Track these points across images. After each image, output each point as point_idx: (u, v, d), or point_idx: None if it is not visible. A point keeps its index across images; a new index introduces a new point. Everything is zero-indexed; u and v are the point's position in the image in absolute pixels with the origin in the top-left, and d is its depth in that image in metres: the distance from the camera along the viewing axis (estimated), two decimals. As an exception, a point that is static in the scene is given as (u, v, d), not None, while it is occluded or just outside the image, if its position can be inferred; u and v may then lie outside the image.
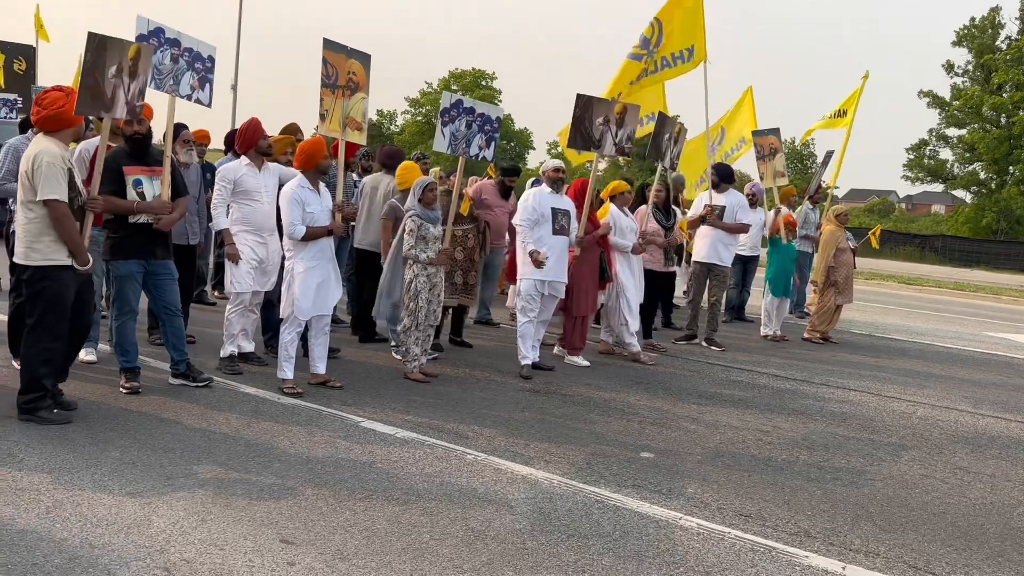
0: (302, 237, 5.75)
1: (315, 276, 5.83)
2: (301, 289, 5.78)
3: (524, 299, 7.16)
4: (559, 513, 4.01)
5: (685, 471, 4.82)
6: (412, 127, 58.74)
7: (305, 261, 5.81)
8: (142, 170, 5.42)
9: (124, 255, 5.42)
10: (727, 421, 6.05)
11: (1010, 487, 5.05)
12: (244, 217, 6.21)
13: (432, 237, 6.43)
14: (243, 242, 6.19)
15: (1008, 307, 18.68)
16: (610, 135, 7.78)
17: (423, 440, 4.98)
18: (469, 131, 6.99)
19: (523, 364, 7.06)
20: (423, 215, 6.39)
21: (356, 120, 6.50)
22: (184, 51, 5.74)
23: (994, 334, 12.91)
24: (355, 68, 6.46)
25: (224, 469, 4.24)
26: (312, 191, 5.89)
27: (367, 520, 3.73)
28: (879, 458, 5.42)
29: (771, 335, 9.96)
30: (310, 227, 5.77)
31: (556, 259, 7.15)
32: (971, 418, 6.83)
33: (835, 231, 10.02)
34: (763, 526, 4.06)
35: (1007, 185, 41.99)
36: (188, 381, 5.68)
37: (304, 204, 5.78)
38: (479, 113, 7.05)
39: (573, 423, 5.67)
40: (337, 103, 6.33)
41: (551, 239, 7.13)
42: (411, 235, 6.35)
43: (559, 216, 7.21)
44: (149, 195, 5.41)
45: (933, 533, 4.17)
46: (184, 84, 5.75)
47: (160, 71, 5.60)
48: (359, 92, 6.51)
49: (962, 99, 43.00)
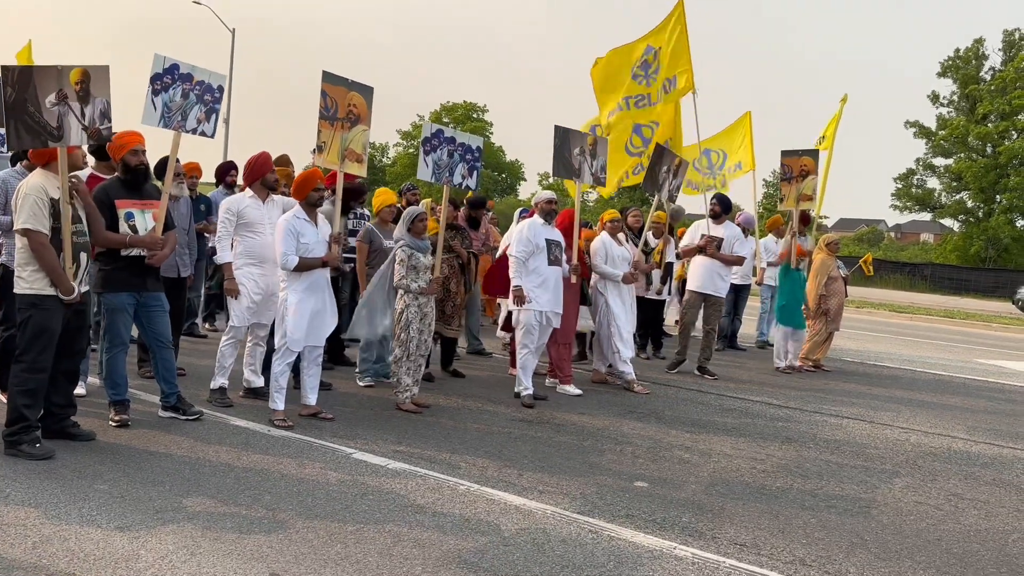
0: (295, 267, 5.74)
1: (308, 307, 5.82)
2: (294, 320, 5.76)
3: (524, 329, 7.18)
4: (553, 544, 3.98)
5: (679, 500, 4.79)
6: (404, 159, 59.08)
7: (298, 292, 5.80)
8: (134, 203, 5.42)
9: (115, 287, 5.40)
10: (720, 449, 6.03)
11: (1004, 513, 5.04)
12: (247, 249, 6.21)
13: (423, 267, 6.43)
14: (246, 275, 6.19)
15: (998, 334, 18.75)
16: (587, 165, 7.96)
17: (415, 471, 4.94)
18: (451, 160, 7.04)
19: (525, 394, 7.05)
20: (413, 244, 6.40)
21: (356, 152, 6.50)
22: (196, 84, 5.74)
23: (985, 361, 12.94)
24: (356, 100, 6.47)
25: (214, 502, 4.19)
26: (308, 222, 5.90)
27: (359, 553, 3.69)
28: (873, 485, 5.41)
29: (784, 367, 9.83)
30: (303, 258, 5.77)
31: (553, 289, 7.23)
32: (964, 444, 6.83)
33: (826, 259, 10.06)
34: (758, 555, 4.03)
35: (995, 214, 42.36)
36: (178, 414, 5.65)
37: (299, 235, 5.79)
38: (459, 143, 7.13)
39: (566, 453, 5.64)
40: (336, 135, 6.33)
41: (547, 270, 7.20)
42: (402, 265, 6.36)
43: (553, 247, 7.28)
44: (141, 228, 5.40)
45: (928, 560, 4.15)
46: (191, 119, 5.75)
47: (170, 108, 5.62)
48: (360, 124, 6.51)
49: (948, 129, 43.52)
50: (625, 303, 8.09)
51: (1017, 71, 41.43)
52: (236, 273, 6.20)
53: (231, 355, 6.27)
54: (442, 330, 7.84)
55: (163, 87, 5.52)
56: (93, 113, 4.98)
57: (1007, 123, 41.47)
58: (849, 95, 11.50)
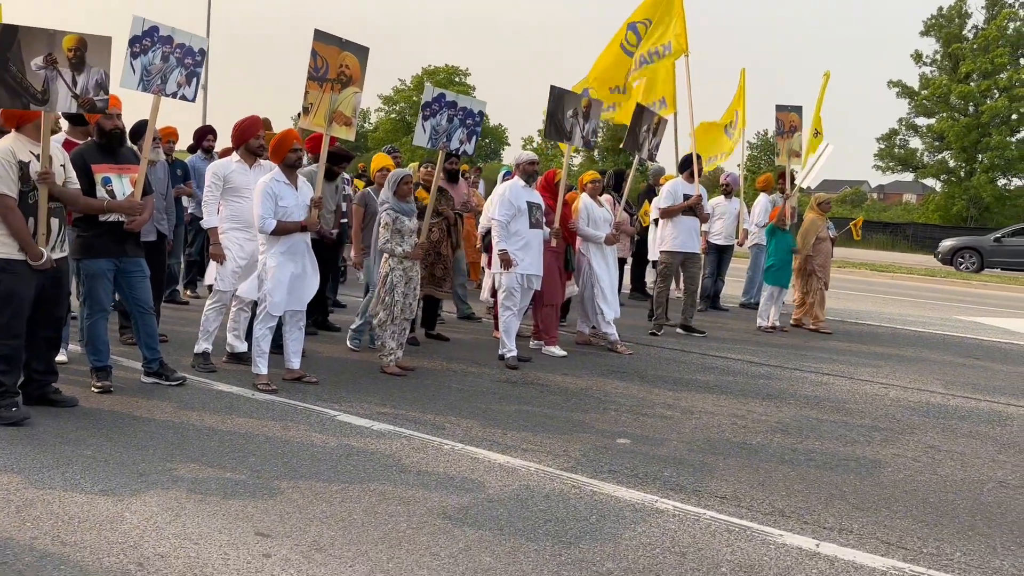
0: (272, 231, 5.70)
1: (287, 270, 5.78)
2: (273, 283, 5.73)
3: (506, 292, 7.18)
4: (536, 499, 4.02)
5: (661, 456, 4.85)
6: (387, 124, 58.51)
7: (277, 255, 5.76)
8: (111, 168, 5.35)
9: (94, 254, 5.35)
10: (702, 407, 6.10)
11: (979, 464, 5.13)
12: (233, 214, 6.17)
13: (408, 230, 6.39)
14: (232, 240, 6.16)
15: (977, 292, 18.95)
16: (579, 128, 7.87)
17: (400, 432, 4.97)
18: (450, 125, 6.91)
19: (508, 356, 7.07)
20: (398, 208, 6.36)
21: (345, 115, 6.31)
22: (176, 47, 5.60)
23: (964, 318, 13.10)
24: (349, 61, 6.27)
25: (198, 465, 4.20)
26: (287, 185, 5.83)
27: (344, 511, 3.72)
28: (852, 439, 5.49)
29: (767, 326, 9.89)
30: (281, 221, 5.72)
31: (535, 252, 7.22)
32: (942, 398, 6.94)
33: (816, 219, 10.07)
34: (738, 507, 4.10)
35: (976, 173, 42.52)
36: (161, 380, 5.63)
37: (277, 197, 5.72)
38: (461, 107, 6.97)
39: (550, 412, 5.69)
40: (324, 97, 6.17)
41: (528, 233, 7.19)
42: (386, 229, 6.32)
43: (534, 210, 7.24)
44: (119, 193, 5.34)
45: (905, 510, 4.23)
46: (171, 82, 5.60)
47: (149, 71, 5.47)
48: (352, 86, 6.32)
49: (930, 88, 43.47)
50: (608, 264, 8.10)
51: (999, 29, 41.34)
52: (221, 238, 6.16)
53: (216, 320, 6.25)
54: (434, 292, 7.85)
55: (142, 50, 5.38)
56: (87, 82, 4.91)
57: (989, 82, 41.46)
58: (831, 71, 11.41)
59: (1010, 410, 6.67)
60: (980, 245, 25.35)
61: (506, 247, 7.12)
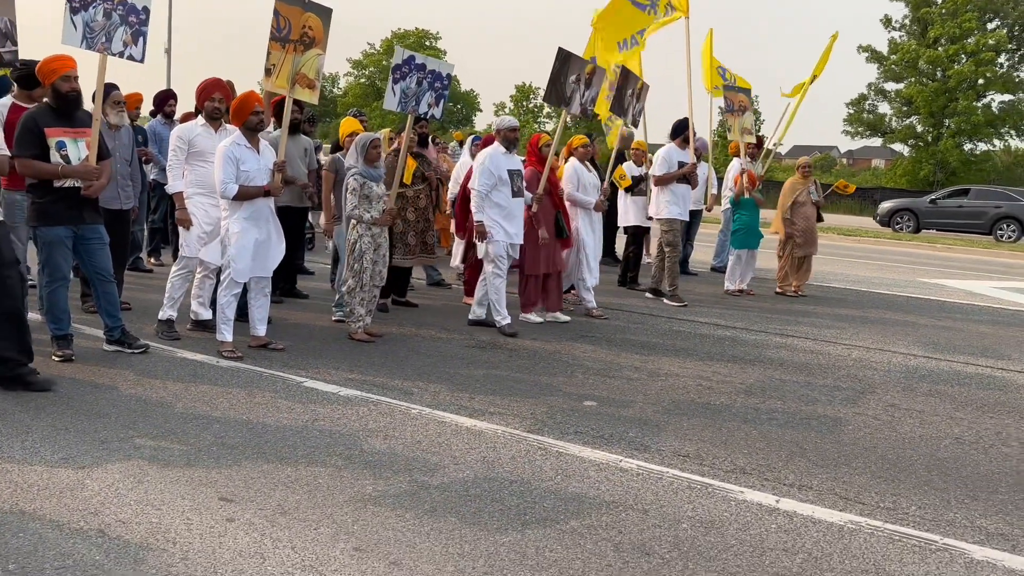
0: (234, 196, 5.61)
1: (251, 236, 5.71)
2: (237, 249, 5.66)
3: (494, 261, 7.06)
4: (502, 461, 4.05)
5: (626, 417, 4.90)
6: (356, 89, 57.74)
7: (240, 221, 5.68)
8: (66, 131, 5.19)
9: (50, 221, 5.22)
10: (668, 369, 6.16)
11: (938, 421, 5.25)
12: (198, 179, 6.06)
13: (376, 196, 6.32)
14: (197, 205, 6.06)
15: (941, 254, 19.25)
16: (579, 94, 7.70)
17: (367, 397, 4.97)
18: (419, 88, 6.78)
19: (503, 323, 7.01)
20: (366, 173, 6.28)
21: (308, 77, 6.18)
22: (118, 4, 5.39)
23: (928, 280, 13.31)
24: (312, 22, 6.12)
25: (161, 432, 4.17)
26: (249, 148, 5.72)
27: (309, 475, 3.72)
28: (814, 399, 5.58)
29: (734, 289, 9.95)
30: (243, 186, 5.63)
31: (518, 221, 7.12)
32: (903, 359, 7.06)
33: (795, 183, 10.09)
34: (700, 465, 4.16)
35: (943, 138, 42.96)
36: (123, 347, 5.56)
37: (239, 162, 5.62)
38: (430, 70, 6.84)
39: (518, 376, 5.71)
40: (287, 58, 6.03)
41: (511, 202, 7.04)
42: (354, 194, 6.25)
43: (515, 177, 7.10)
44: (74, 158, 5.19)
45: (864, 466, 4.32)
46: (116, 40, 5.42)
47: (92, 28, 5.28)
48: (315, 48, 6.18)
49: (899, 53, 43.67)
50: (595, 231, 8.02)
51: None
52: (187, 203, 6.05)
53: (181, 287, 6.17)
54: (427, 260, 7.81)
55: (82, 5, 5.20)
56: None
57: (957, 47, 41.72)
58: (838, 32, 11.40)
59: (968, 369, 6.81)
60: (916, 207, 26.00)
61: (483, 219, 6.99)
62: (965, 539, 3.49)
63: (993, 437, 4.96)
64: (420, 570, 2.94)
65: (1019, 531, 3.60)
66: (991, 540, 3.49)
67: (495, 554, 3.09)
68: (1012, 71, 42.16)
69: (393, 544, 3.12)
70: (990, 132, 42.86)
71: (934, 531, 3.55)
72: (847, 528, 3.52)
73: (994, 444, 4.83)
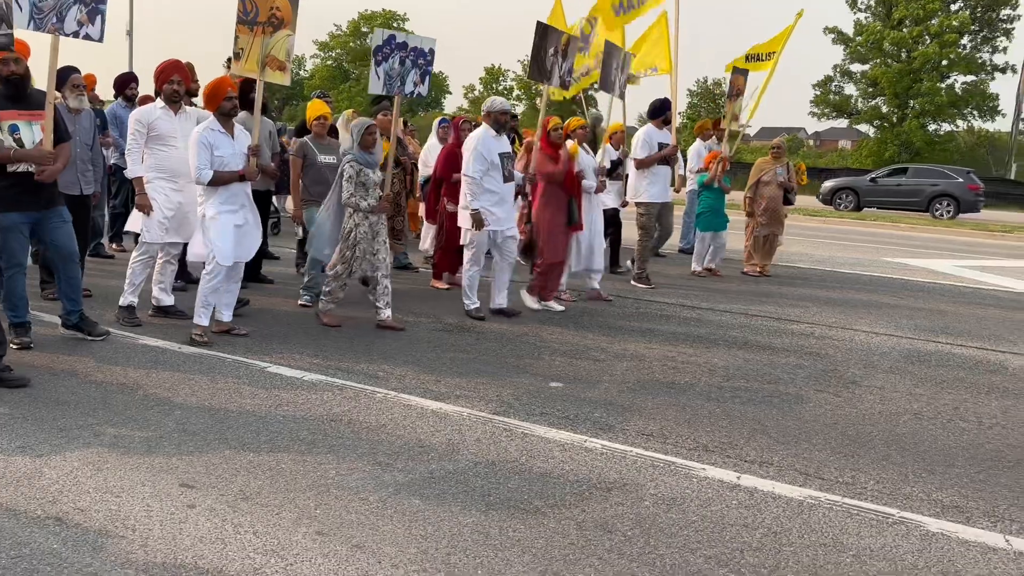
0: (210, 181, 5.51)
1: (229, 221, 5.59)
2: (218, 232, 5.55)
3: (475, 249, 6.90)
4: (467, 443, 4.06)
5: (591, 398, 4.93)
6: (323, 71, 57.04)
7: (216, 206, 5.58)
8: (19, 114, 5.05)
9: (4, 207, 5.07)
10: (634, 350, 6.20)
11: (897, 397, 5.34)
12: (158, 163, 5.96)
13: (372, 183, 6.16)
14: (158, 190, 5.95)
15: (905, 234, 19.55)
16: (557, 67, 7.55)
17: (331, 382, 4.94)
18: (403, 68, 6.63)
19: (472, 307, 6.92)
20: (362, 160, 6.12)
21: (278, 59, 6.05)
22: None
23: (891, 259, 13.51)
24: (280, 3, 5.98)
25: (122, 419, 4.12)
26: (223, 134, 5.62)
27: (271, 461, 3.70)
28: (776, 377, 5.65)
29: (700, 270, 9.98)
30: (218, 171, 5.53)
31: (508, 207, 6.95)
32: (865, 336, 7.17)
33: (762, 163, 10.15)
34: (664, 443, 4.20)
35: (908, 119, 43.50)
36: (81, 333, 5.46)
37: (213, 147, 5.51)
38: (412, 47, 6.69)
39: (485, 359, 5.71)
40: (255, 41, 5.91)
41: (503, 187, 6.85)
42: (350, 182, 6.06)
43: (506, 161, 6.90)
44: (28, 142, 5.05)
45: (824, 442, 4.39)
46: (70, 20, 5.21)
47: (40, 8, 5.07)
48: (284, 28, 6.04)
49: (865, 35, 44.07)
50: (592, 215, 7.89)
51: (931, -25, 41.97)
52: (147, 188, 5.94)
53: (142, 273, 6.07)
54: (393, 246, 7.73)
55: None
56: None
57: (920, 28, 42.20)
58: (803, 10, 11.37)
59: (928, 347, 6.93)
60: (857, 185, 26.56)
61: (479, 206, 6.72)
62: (921, 512, 3.56)
63: (951, 412, 5.06)
64: (383, 552, 2.94)
65: (973, 504, 3.68)
66: (946, 513, 3.57)
67: (458, 535, 3.10)
68: (975, 52, 42.76)
69: (356, 527, 3.12)
70: (953, 113, 43.51)
71: (891, 505, 3.62)
72: (806, 503, 3.58)
73: (951, 419, 4.93)
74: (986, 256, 14.99)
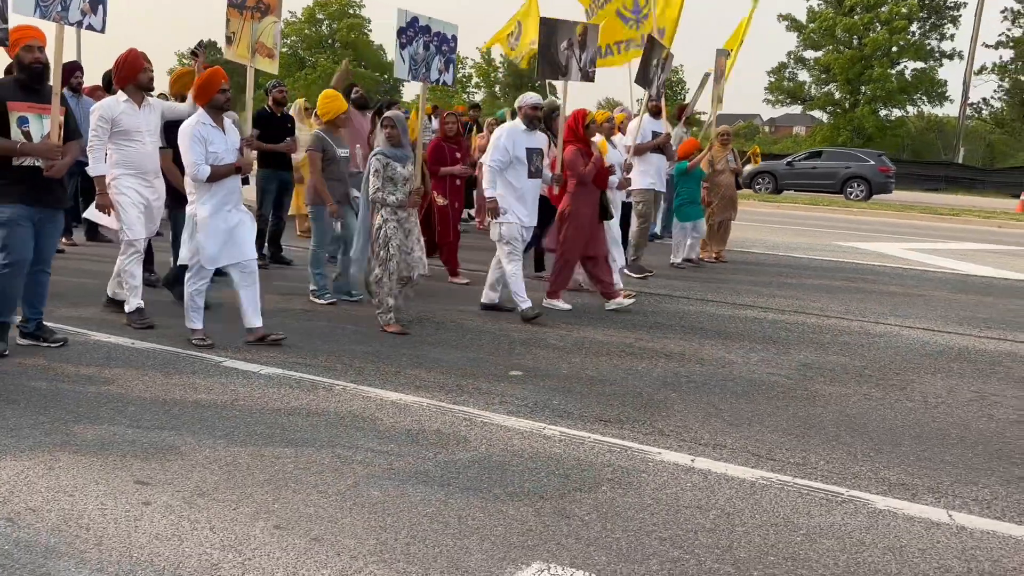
0: (207, 178, 5.28)
1: (223, 221, 5.37)
2: (207, 235, 5.32)
3: (509, 244, 6.65)
4: (427, 433, 4.07)
5: (551, 386, 4.97)
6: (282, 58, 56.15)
7: (211, 205, 5.33)
8: (30, 107, 4.78)
9: (9, 200, 4.78)
10: (592, 337, 6.26)
11: (847, 378, 5.48)
12: (125, 159, 5.70)
13: (401, 177, 5.95)
14: (127, 185, 5.71)
15: (857, 218, 19.96)
16: (575, 60, 7.27)
17: (289, 375, 4.92)
18: (427, 53, 6.36)
19: (524, 308, 6.63)
20: (390, 153, 5.92)
21: (267, 46, 5.94)
22: None
23: (843, 243, 13.79)
24: None
25: (74, 417, 4.06)
26: (215, 128, 5.36)
27: (228, 456, 3.68)
28: (730, 361, 5.76)
29: (679, 263, 9.95)
30: (214, 166, 5.29)
31: (530, 203, 6.73)
32: (817, 319, 7.33)
33: (715, 152, 10.24)
34: (620, 429, 4.26)
35: (860, 105, 44.29)
36: (39, 342, 5.19)
37: (207, 142, 5.27)
38: (435, 32, 6.43)
39: (445, 349, 5.73)
40: (245, 25, 5.75)
41: (526, 183, 6.63)
42: (377, 176, 5.87)
43: (534, 157, 6.67)
44: (36, 135, 4.80)
45: (776, 424, 4.49)
46: (74, 9, 5.01)
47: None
48: (270, 15, 5.93)
49: (817, 21, 44.72)
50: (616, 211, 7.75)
51: (882, -40, 42.69)
52: (115, 183, 5.69)
53: (138, 273, 5.83)
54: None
55: None
56: None
57: (871, 15, 42.94)
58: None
59: (879, 328, 7.11)
60: (775, 169, 27.34)
61: (494, 194, 6.54)
62: (869, 490, 3.67)
63: (898, 393, 5.21)
64: (342, 544, 2.95)
65: (919, 481, 3.80)
66: (893, 490, 3.68)
67: (417, 524, 3.12)
68: (923, 39, 43.66)
69: (314, 520, 3.12)
70: (903, 99, 44.42)
71: (840, 484, 3.72)
72: (758, 484, 3.66)
73: (899, 399, 5.07)
74: (935, 239, 15.38)
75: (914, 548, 3.14)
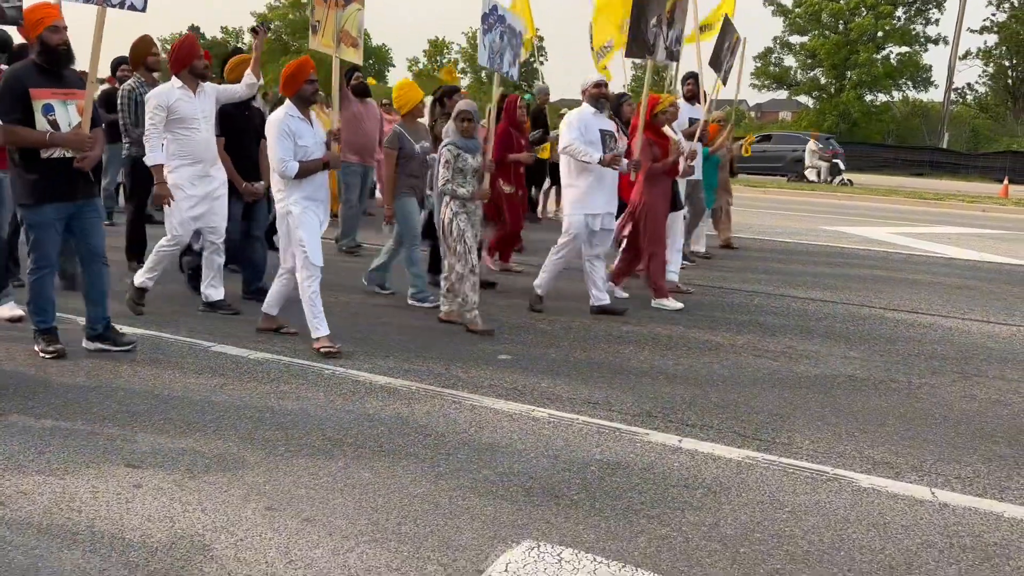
0: (296, 174, 5.06)
1: (315, 217, 5.20)
2: (308, 232, 5.11)
3: (569, 236, 6.36)
4: (416, 416, 4.10)
5: (539, 369, 5.00)
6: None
7: (301, 202, 5.12)
8: (54, 93, 4.46)
9: (38, 199, 4.52)
10: (580, 322, 6.29)
11: (832, 360, 5.54)
12: (181, 149, 5.57)
13: (471, 169, 5.79)
14: (182, 177, 5.60)
15: (842, 203, 20.06)
16: (662, 38, 6.75)
17: (278, 360, 4.93)
18: (503, 43, 6.17)
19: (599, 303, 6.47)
20: (461, 145, 5.77)
21: (351, 35, 5.76)
22: None
23: (828, 227, 13.88)
24: None
25: (64, 402, 4.06)
26: (303, 120, 5.15)
27: (218, 439, 3.69)
28: (716, 344, 5.81)
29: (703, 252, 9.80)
30: (303, 162, 5.07)
31: (608, 190, 6.36)
32: (800, 303, 7.40)
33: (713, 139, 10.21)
34: (609, 411, 4.30)
35: (845, 89, 44.42)
36: (107, 344, 4.86)
37: (296, 136, 5.05)
38: (508, 24, 6.23)
39: (435, 335, 5.75)
40: (330, 14, 5.56)
41: (601, 167, 6.20)
42: (447, 167, 5.72)
43: (608, 140, 6.31)
44: (64, 124, 4.48)
45: (761, 405, 4.54)
46: None
47: None
48: (354, 3, 5.75)
49: (803, 6, 44.74)
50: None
51: (867, -54, 42.71)
52: (170, 176, 5.56)
53: (165, 260, 5.79)
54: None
55: None
56: None
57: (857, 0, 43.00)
58: None
59: (863, 311, 7.18)
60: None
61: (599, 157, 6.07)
62: (853, 469, 3.73)
63: (882, 374, 5.27)
64: (334, 525, 2.98)
65: (902, 460, 3.87)
66: (877, 469, 3.74)
67: (408, 506, 3.15)
68: (909, 24, 43.78)
69: (306, 502, 3.14)
70: (889, 84, 44.57)
71: (825, 463, 3.78)
72: (744, 463, 3.71)
73: (883, 380, 5.14)
74: (919, 223, 15.50)
75: (898, 524, 3.20)
